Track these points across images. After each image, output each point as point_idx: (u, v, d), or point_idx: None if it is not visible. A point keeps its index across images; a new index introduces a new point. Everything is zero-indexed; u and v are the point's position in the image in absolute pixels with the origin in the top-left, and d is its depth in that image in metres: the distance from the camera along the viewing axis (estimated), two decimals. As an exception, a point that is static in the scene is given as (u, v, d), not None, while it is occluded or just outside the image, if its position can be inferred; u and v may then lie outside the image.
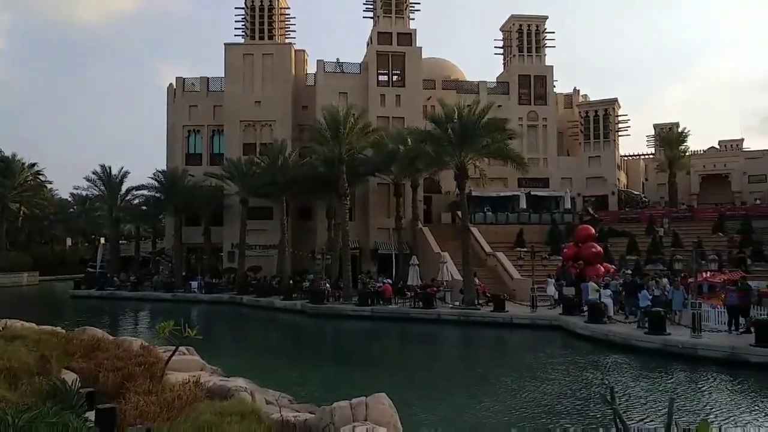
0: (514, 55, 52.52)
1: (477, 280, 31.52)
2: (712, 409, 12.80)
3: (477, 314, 28.59)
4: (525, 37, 52.59)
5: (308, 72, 50.62)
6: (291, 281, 38.67)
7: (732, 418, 11.95)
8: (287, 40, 49.80)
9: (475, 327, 27.34)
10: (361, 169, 39.87)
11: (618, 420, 2.45)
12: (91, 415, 6.35)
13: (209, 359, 12.55)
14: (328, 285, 35.38)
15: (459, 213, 36.15)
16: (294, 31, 50.61)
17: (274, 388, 11.06)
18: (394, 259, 38.17)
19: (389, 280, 35.59)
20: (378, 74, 47.36)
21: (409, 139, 37.21)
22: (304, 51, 51.23)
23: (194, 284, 42.98)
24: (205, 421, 6.02)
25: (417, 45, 47.67)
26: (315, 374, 17.00)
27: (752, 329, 18.22)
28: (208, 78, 50.53)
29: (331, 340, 27.06)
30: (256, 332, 30.08)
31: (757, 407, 13.06)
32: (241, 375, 10.86)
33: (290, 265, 42.49)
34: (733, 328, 20.04)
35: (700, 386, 15.28)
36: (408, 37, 47.55)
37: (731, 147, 61.50)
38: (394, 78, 47.57)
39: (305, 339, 27.35)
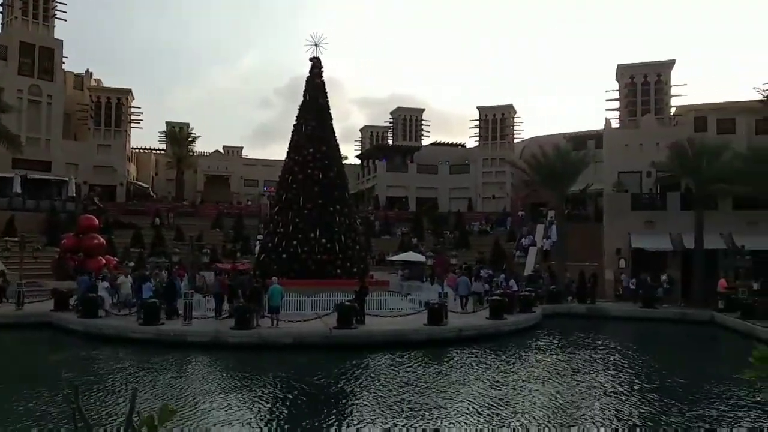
0: (16, 17, 45.72)
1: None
2: (184, 392, 13.68)
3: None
4: (31, 1, 46.51)
5: None
6: None
7: (196, 399, 13.03)
8: None
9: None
10: None
11: (80, 417, 2.45)
12: None
13: None
14: None
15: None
16: None
17: None
18: None
19: None
20: None
21: None
22: None
23: None
24: None
25: None
26: None
27: (234, 313, 20.70)
28: None
29: None
30: None
31: (224, 384, 14.92)
32: None
33: None
34: (218, 314, 22.35)
35: (180, 371, 16.29)
36: None
37: (233, 153, 68.97)
38: None
39: None
